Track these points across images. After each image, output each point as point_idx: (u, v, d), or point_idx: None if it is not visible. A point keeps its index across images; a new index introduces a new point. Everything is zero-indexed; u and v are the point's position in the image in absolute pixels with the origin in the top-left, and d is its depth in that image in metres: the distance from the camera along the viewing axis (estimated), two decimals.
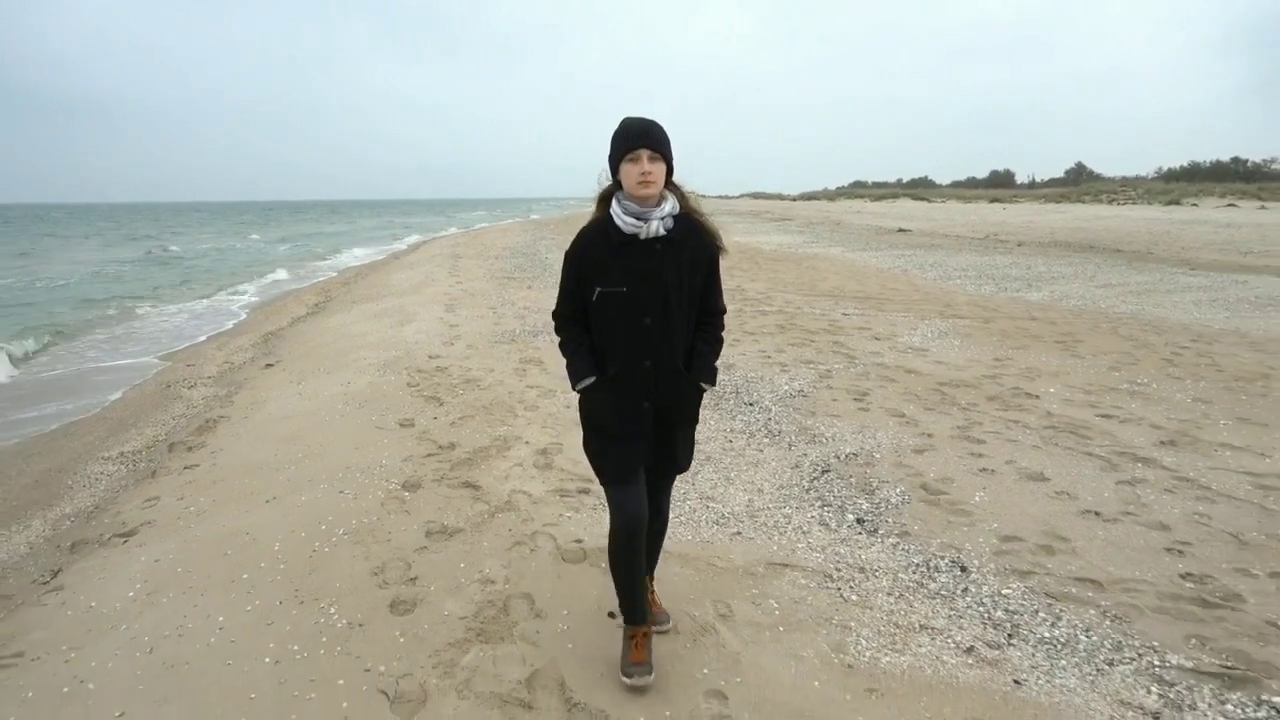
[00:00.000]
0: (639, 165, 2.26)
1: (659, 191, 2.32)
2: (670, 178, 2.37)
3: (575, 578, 3.21)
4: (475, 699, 2.45)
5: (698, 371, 2.46)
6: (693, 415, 2.55)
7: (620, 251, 2.32)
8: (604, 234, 2.35)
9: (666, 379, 2.39)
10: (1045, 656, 2.69)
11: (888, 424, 5.25)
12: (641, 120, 2.32)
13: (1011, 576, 3.24)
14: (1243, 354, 7.32)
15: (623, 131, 2.31)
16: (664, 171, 2.32)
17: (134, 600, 3.26)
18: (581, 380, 2.42)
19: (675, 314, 2.37)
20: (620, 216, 2.31)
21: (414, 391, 6.27)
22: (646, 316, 2.34)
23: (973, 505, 3.93)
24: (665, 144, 2.32)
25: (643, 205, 2.30)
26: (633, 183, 2.28)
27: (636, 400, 2.39)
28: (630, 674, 2.48)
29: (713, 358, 2.50)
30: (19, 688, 2.67)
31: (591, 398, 2.45)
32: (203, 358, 9.64)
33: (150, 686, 2.62)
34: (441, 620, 2.91)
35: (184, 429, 6.17)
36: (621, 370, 2.38)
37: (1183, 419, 5.27)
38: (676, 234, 2.35)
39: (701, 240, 2.43)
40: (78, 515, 4.59)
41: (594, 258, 2.36)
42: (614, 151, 2.33)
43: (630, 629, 2.57)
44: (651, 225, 2.30)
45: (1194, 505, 3.87)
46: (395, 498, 4.09)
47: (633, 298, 2.33)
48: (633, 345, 2.36)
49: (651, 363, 2.37)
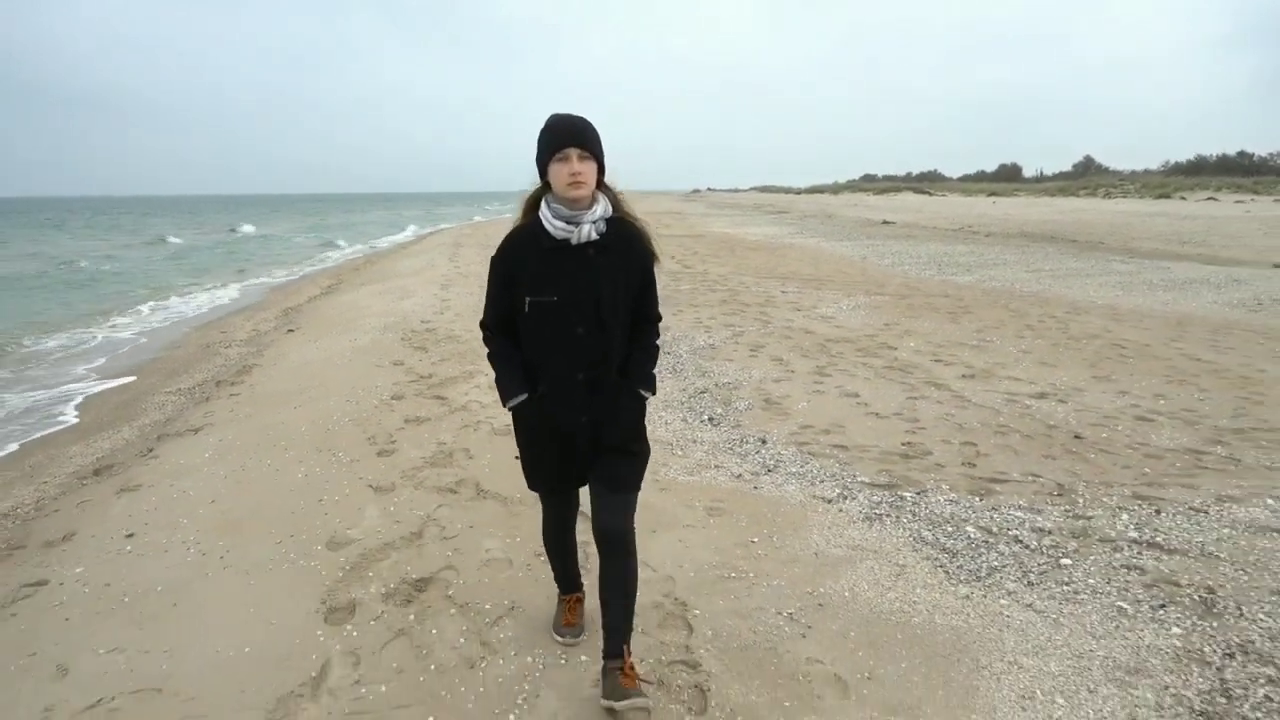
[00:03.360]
0: (568, 165, 2.14)
1: (590, 193, 2.20)
2: (602, 178, 2.27)
3: (502, 442, 4.83)
4: (424, 489, 4.09)
5: (635, 379, 2.35)
6: (635, 429, 2.39)
7: (550, 258, 2.21)
8: (533, 239, 2.23)
9: (601, 391, 2.29)
10: (783, 478, 4.29)
11: (765, 365, 6.84)
12: (570, 117, 2.21)
13: (792, 445, 4.83)
14: (1096, 321, 8.85)
15: (550, 130, 2.20)
16: (595, 171, 2.20)
17: (208, 459, 4.91)
18: (512, 398, 2.31)
19: (610, 323, 2.25)
20: (550, 220, 2.19)
21: (406, 344, 7.93)
22: (579, 326, 2.22)
23: (794, 410, 5.52)
24: (596, 142, 2.20)
25: (573, 208, 2.18)
26: (562, 184, 2.16)
27: (573, 415, 2.28)
28: (562, 634, 2.71)
29: (650, 364, 2.40)
30: (146, 499, 4.33)
31: (524, 415, 2.36)
32: (233, 327, 11.33)
33: (227, 491, 4.27)
34: (408, 459, 4.56)
35: (226, 372, 7.85)
36: (554, 384, 2.28)
37: (996, 362, 6.83)
38: (610, 239, 2.24)
39: (635, 245, 2.31)
40: (155, 424, 6.25)
41: (522, 265, 2.24)
42: (541, 151, 2.21)
43: (563, 595, 2.79)
44: (583, 229, 2.18)
45: (948, 410, 5.44)
46: (385, 404, 5.74)
47: (564, 307, 2.21)
48: (565, 357, 2.25)
49: (584, 376, 2.26)
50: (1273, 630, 2.73)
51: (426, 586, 3.12)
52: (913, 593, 3.06)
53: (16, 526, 4.29)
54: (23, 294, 16.37)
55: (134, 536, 3.81)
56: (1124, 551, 3.33)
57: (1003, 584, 3.12)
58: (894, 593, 3.06)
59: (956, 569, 3.25)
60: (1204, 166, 69.92)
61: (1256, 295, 10.74)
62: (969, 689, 2.47)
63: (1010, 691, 2.46)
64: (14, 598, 3.30)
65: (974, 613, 2.91)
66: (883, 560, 3.32)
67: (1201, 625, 2.78)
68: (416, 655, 2.67)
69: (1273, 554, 3.27)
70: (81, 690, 2.59)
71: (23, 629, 3.03)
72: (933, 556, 3.35)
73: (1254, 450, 4.53)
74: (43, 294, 16.40)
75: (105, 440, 5.95)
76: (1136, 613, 2.88)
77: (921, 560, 3.32)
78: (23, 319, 12.70)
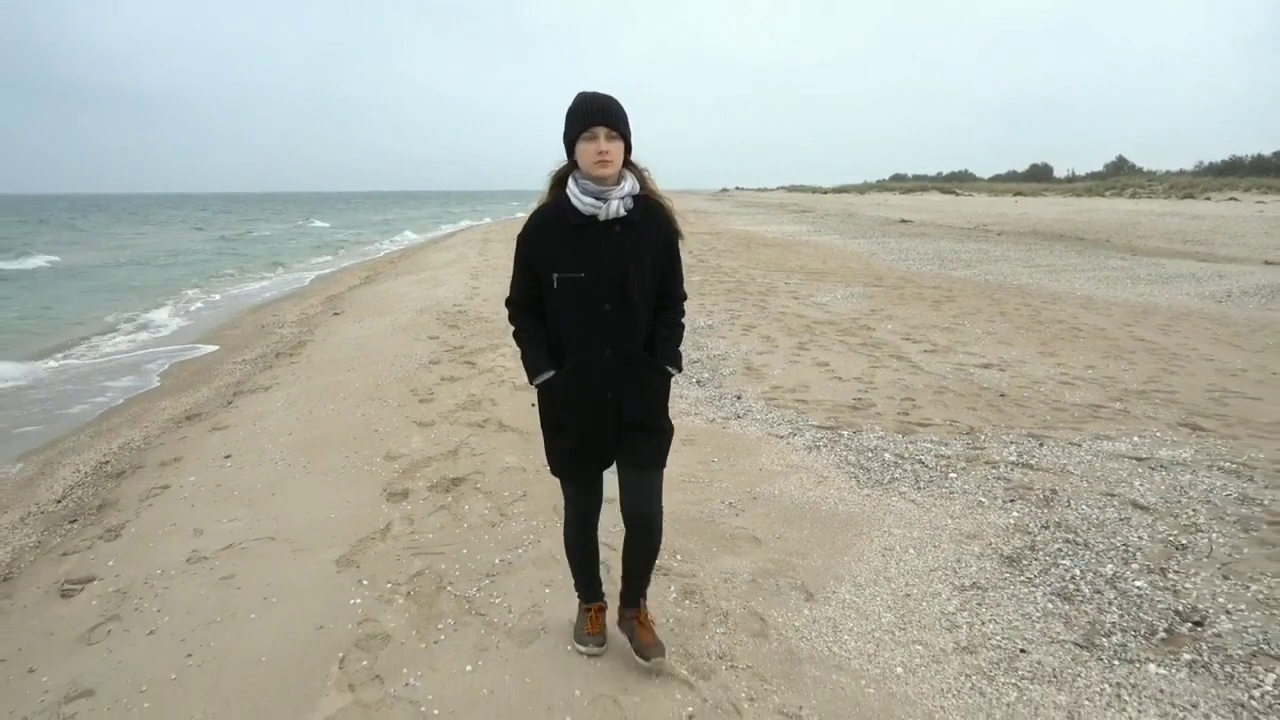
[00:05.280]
0: (596, 144, 2.17)
1: (617, 171, 2.23)
2: (629, 157, 2.28)
3: (521, 395, 5.84)
4: (457, 425, 5.13)
5: (662, 356, 2.37)
6: (660, 405, 2.43)
7: (577, 234, 2.22)
8: (560, 216, 2.24)
9: (628, 368, 2.30)
10: (749, 422, 5.25)
11: (753, 341, 7.79)
12: (598, 95, 2.22)
13: (762, 400, 5.79)
14: (1067, 309, 9.68)
15: (578, 108, 2.21)
16: (622, 150, 2.23)
17: (280, 407, 5.99)
18: (539, 374, 2.33)
19: (636, 300, 2.27)
20: (578, 196, 2.21)
21: (440, 323, 9.00)
22: (606, 302, 2.24)
23: (770, 375, 6.48)
24: (623, 121, 2.22)
25: (601, 185, 2.21)
26: (590, 162, 2.18)
27: (598, 391, 2.29)
28: (585, 644, 2.63)
29: (675, 342, 2.42)
30: (235, 434, 5.41)
31: (549, 392, 2.36)
32: (282, 311, 12.51)
33: (300, 427, 5.34)
34: (444, 405, 5.60)
35: (283, 346, 8.98)
36: (580, 360, 2.29)
37: (959, 341, 7.72)
38: (636, 215, 2.26)
39: (660, 222, 2.33)
40: (228, 386, 7.37)
41: (549, 241, 2.26)
42: (569, 130, 2.23)
43: (585, 605, 2.69)
44: (611, 205, 2.20)
45: (902, 376, 6.36)
46: (424, 367, 6.80)
47: (591, 283, 2.23)
48: (592, 333, 2.27)
49: (611, 351, 2.27)
50: (1085, 515, 3.65)
51: (460, 483, 4.15)
52: (827, 493, 4.02)
53: (133, 454, 5.41)
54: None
55: (231, 457, 4.88)
56: (1000, 469, 4.26)
57: (898, 488, 4.06)
58: (813, 493, 4.03)
59: (866, 479, 4.20)
60: (1238, 166, 69.26)
61: (1229, 289, 11.46)
62: (848, 545, 3.44)
63: (878, 545, 3.42)
64: (147, 496, 4.39)
65: (869, 505, 3.87)
66: (810, 473, 4.29)
67: (1034, 511, 3.71)
68: (453, 518, 3.70)
69: (1116, 471, 4.18)
70: (215, 541, 3.65)
71: (160, 513, 4.10)
72: (851, 472, 4.31)
73: (1145, 405, 5.41)
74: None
75: (188, 397, 7.09)
76: (990, 504, 3.82)
77: (841, 474, 4.28)
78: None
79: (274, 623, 2.90)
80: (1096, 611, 2.87)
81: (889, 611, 2.90)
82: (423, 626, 2.82)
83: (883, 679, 2.51)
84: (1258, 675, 2.47)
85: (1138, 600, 2.93)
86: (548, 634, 2.77)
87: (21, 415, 6.94)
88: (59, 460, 5.54)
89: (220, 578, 3.28)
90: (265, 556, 3.45)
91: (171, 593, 3.20)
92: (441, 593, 3.06)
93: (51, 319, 12.83)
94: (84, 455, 5.56)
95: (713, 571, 3.19)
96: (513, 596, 3.03)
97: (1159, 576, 3.09)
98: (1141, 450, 4.50)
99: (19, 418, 6.85)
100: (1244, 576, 3.06)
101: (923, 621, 2.83)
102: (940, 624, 2.81)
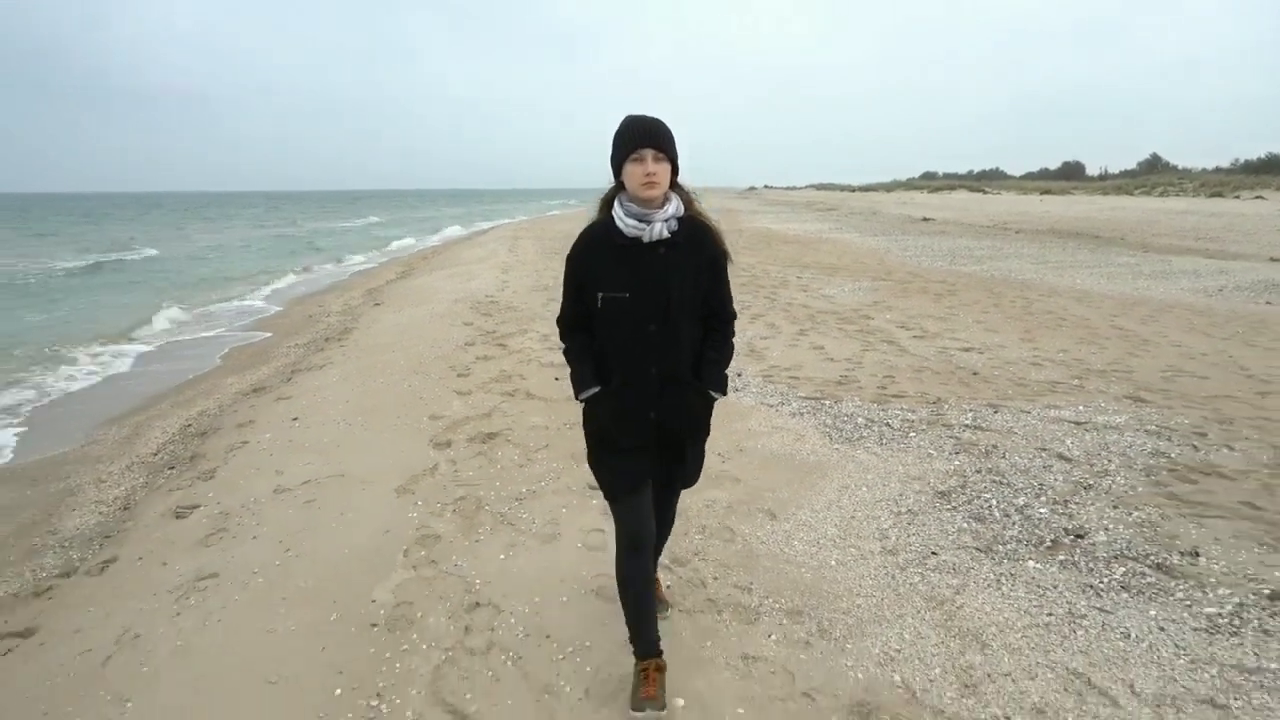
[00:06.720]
0: (643, 166, 2.20)
1: (663, 193, 2.26)
2: (675, 179, 2.32)
3: (547, 370, 6.64)
4: (491, 394, 5.94)
5: (707, 380, 2.40)
6: (701, 427, 2.48)
7: (622, 255, 2.27)
8: (606, 237, 2.29)
9: (671, 388, 2.33)
10: (745, 395, 5.98)
11: (759, 328, 8.52)
12: (646, 118, 2.25)
13: (759, 377, 6.52)
14: (1060, 302, 10.26)
15: (626, 130, 2.25)
16: (669, 172, 2.26)
17: (335, 381, 6.85)
18: (585, 390, 2.38)
19: (680, 320, 2.31)
20: (622, 219, 2.25)
21: (474, 311, 9.85)
22: (650, 323, 2.27)
23: (769, 356, 7.21)
24: (670, 143, 2.26)
25: (646, 207, 2.25)
26: (637, 184, 2.22)
27: (641, 410, 2.33)
28: (642, 708, 2.34)
29: (723, 365, 2.44)
30: (298, 403, 6.26)
31: (595, 408, 2.40)
32: (327, 302, 13.47)
33: (355, 396, 6.18)
34: (480, 378, 6.42)
35: (331, 332, 9.88)
36: (627, 379, 2.32)
37: (948, 328, 8.38)
38: (680, 237, 2.29)
39: (706, 243, 2.36)
40: (286, 365, 8.27)
41: (595, 262, 2.31)
42: (616, 152, 2.26)
43: (641, 662, 2.43)
44: (655, 228, 2.24)
45: (890, 358, 7.06)
46: (461, 348, 7.64)
47: (636, 303, 2.26)
48: (636, 352, 2.30)
49: (656, 371, 2.31)
50: (1015, 463, 4.35)
51: (494, 436, 4.96)
52: (803, 447, 4.76)
53: (211, 418, 6.29)
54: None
55: (298, 420, 5.73)
56: (954, 430, 4.97)
57: (864, 445, 4.79)
58: (791, 447, 4.76)
59: (838, 437, 4.93)
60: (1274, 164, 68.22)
61: (1224, 284, 11.93)
62: (812, 483, 4.18)
63: (837, 484, 4.15)
64: (231, 449, 5.24)
65: (836, 456, 4.60)
66: (791, 433, 5.02)
67: (974, 461, 4.42)
68: (489, 461, 4.51)
69: (1054, 432, 4.87)
70: (295, 478, 4.48)
71: (245, 460, 4.95)
72: (826, 432, 5.03)
73: (1101, 382, 6.06)
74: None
75: (251, 374, 7.99)
76: (938, 455, 4.53)
77: (817, 434, 5.01)
78: None
79: (351, 529, 3.72)
80: (1001, 529, 3.58)
81: (834, 527, 3.64)
82: (466, 531, 3.63)
83: (819, 568, 3.26)
84: (1112, 569, 3.18)
85: (1037, 522, 3.64)
86: (562, 538, 3.56)
87: (104, 391, 7.91)
88: (147, 424, 6.45)
89: (303, 502, 4.12)
90: (338, 488, 4.27)
91: (266, 513, 4.04)
92: (480, 510, 3.86)
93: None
94: (168, 420, 6.47)
95: (698, 500, 3.94)
96: (536, 513, 3.82)
97: (1061, 506, 3.80)
98: (1082, 417, 5.17)
99: (106, 394, 7.83)
100: (1130, 506, 3.76)
101: (860, 534, 3.57)
102: (873, 536, 3.55)
